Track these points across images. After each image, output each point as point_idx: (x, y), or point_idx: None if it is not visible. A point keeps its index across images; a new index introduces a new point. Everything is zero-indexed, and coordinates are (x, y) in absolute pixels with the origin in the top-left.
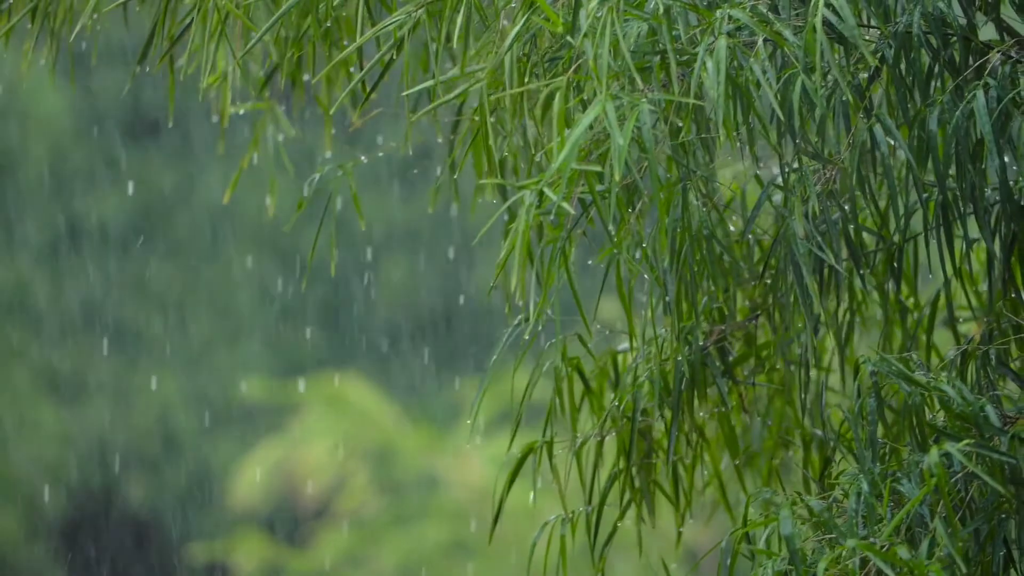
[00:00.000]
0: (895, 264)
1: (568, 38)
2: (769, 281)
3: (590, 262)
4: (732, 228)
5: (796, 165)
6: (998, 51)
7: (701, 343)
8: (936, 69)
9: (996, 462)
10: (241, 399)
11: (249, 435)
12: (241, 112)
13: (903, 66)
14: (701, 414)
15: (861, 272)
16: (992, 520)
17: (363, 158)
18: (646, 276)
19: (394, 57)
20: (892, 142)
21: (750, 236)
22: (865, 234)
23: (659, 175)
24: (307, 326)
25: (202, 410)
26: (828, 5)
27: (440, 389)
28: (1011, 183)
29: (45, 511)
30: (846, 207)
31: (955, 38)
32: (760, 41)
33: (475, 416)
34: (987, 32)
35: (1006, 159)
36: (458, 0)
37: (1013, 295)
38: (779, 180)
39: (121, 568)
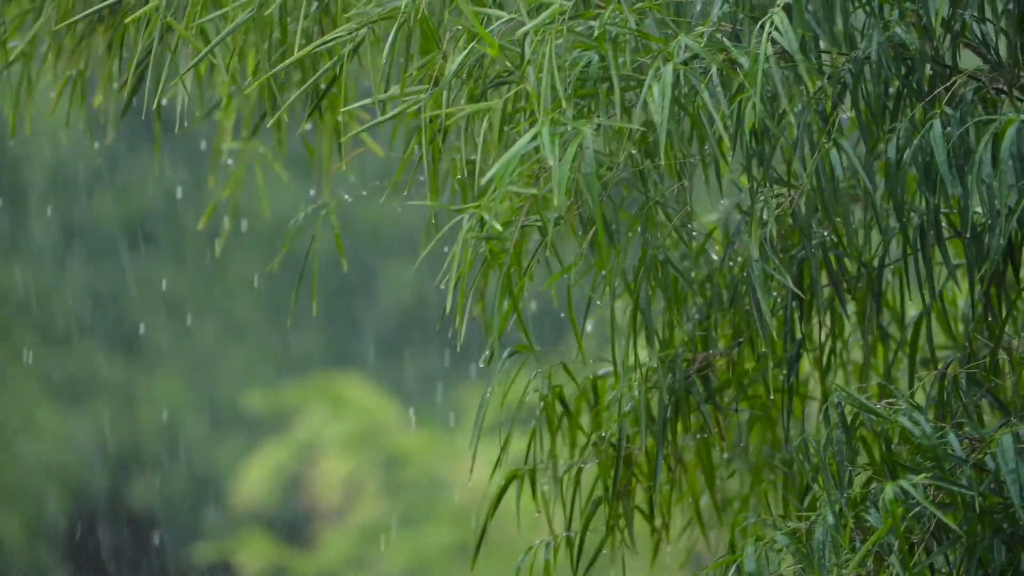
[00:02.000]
0: (874, 290)
1: (508, 63)
2: (749, 308)
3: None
4: (716, 257)
5: (761, 190)
6: (965, 75)
7: (684, 371)
8: (901, 94)
9: (957, 492)
10: (245, 401)
11: (253, 437)
12: (226, 150)
13: (865, 92)
14: (686, 441)
15: (841, 298)
16: (969, 542)
17: (347, 197)
18: (598, 303)
19: (337, 74)
20: (856, 168)
21: (731, 263)
22: (848, 261)
23: (603, 203)
24: (312, 328)
25: (206, 412)
26: (775, 28)
27: (444, 391)
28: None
29: (49, 513)
30: (825, 233)
31: (917, 64)
32: (713, 69)
33: (473, 456)
34: (968, 59)
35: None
36: (403, 19)
37: (990, 319)
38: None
39: (125, 570)
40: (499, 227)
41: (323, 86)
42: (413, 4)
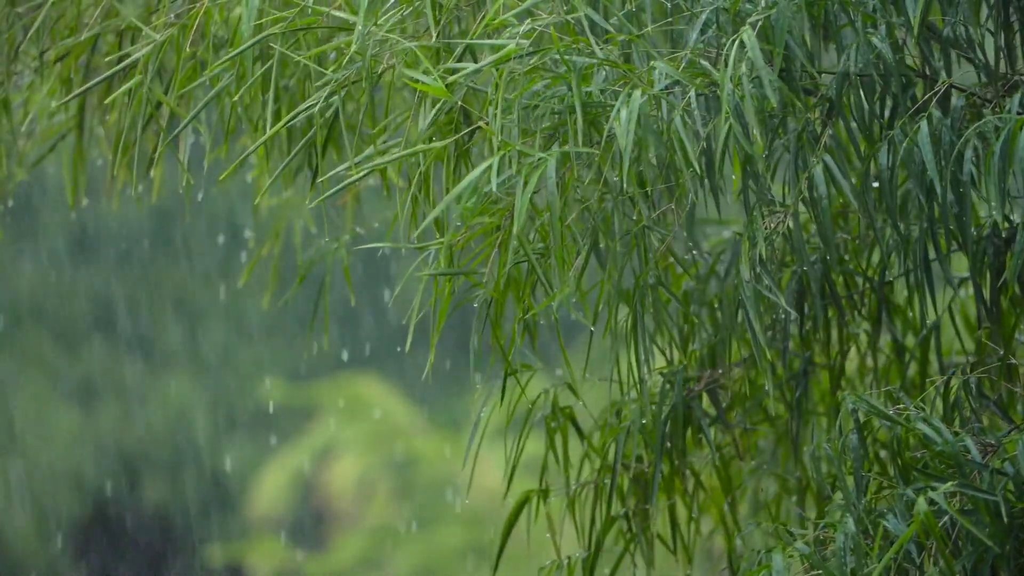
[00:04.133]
0: (880, 303)
1: (466, 106)
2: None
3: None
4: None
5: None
6: (948, 83)
7: (690, 388)
8: (895, 108)
9: (981, 499)
10: (258, 403)
11: (266, 439)
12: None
13: (853, 108)
14: (696, 458)
15: (846, 313)
16: (980, 551)
17: (360, 229)
18: (591, 329)
19: (317, 142)
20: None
21: (734, 280)
22: (852, 273)
23: (568, 231)
24: (325, 330)
25: (219, 414)
26: (742, 45)
27: (458, 393)
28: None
29: (62, 514)
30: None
31: (893, 76)
32: (692, 93)
33: (470, 479)
34: (961, 73)
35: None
36: (373, 82)
37: (990, 326)
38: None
39: (137, 571)
40: (442, 264)
41: (333, 114)
42: (370, 68)
